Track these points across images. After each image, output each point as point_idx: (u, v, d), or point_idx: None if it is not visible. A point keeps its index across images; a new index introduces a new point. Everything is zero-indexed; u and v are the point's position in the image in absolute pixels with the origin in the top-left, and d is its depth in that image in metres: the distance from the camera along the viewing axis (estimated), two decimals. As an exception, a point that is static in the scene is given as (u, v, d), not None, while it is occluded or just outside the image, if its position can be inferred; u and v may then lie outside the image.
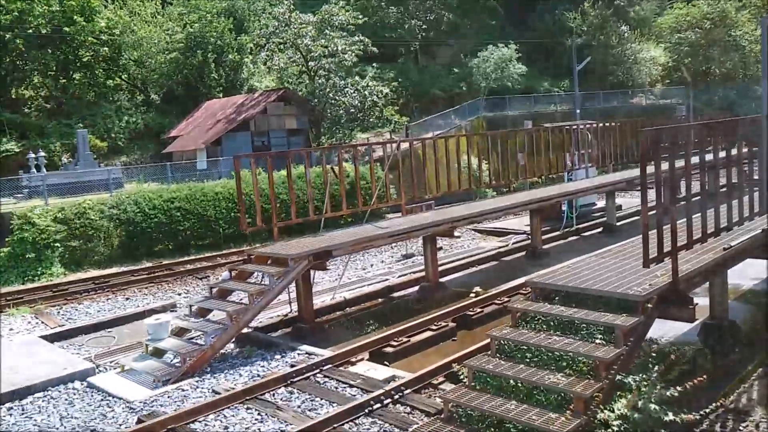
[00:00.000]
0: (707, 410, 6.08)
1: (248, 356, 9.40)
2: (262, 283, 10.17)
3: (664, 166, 6.38)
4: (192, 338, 9.62)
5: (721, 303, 8.71)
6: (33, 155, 26.09)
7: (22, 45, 30.87)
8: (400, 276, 14.01)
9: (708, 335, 8.87)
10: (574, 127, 17.53)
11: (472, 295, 11.85)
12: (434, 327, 9.74)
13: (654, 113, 39.00)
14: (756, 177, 8.08)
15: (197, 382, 8.44)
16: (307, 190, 17.63)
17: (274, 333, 10.64)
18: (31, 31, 30.70)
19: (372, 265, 15.66)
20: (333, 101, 33.13)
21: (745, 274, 11.39)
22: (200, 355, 8.69)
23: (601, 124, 18.17)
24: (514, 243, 16.64)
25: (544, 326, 6.40)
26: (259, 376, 8.50)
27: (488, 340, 6.59)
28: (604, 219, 17.62)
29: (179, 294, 14.06)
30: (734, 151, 7.84)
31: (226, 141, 30.96)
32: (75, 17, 31.96)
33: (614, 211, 17.22)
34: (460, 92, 42.93)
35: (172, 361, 9.09)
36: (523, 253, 15.22)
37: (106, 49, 33.79)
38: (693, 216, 6.99)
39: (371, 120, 33.99)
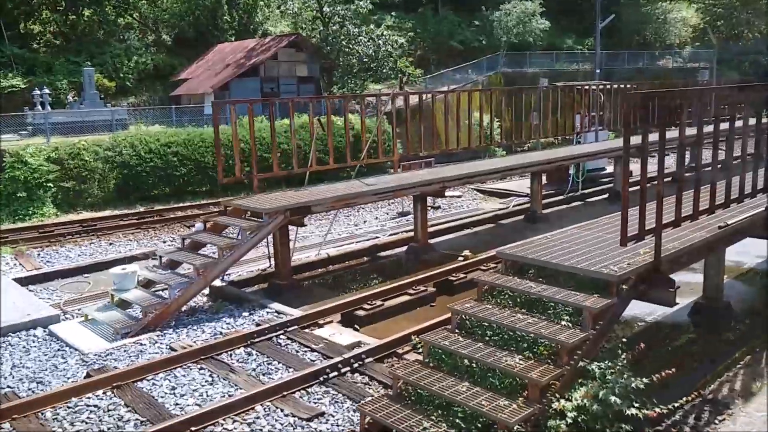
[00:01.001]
0: (680, 402, 5.61)
1: (217, 311, 9.07)
2: (238, 237, 9.76)
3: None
4: (159, 291, 9.29)
5: (716, 282, 8.16)
6: (38, 92, 25.71)
7: (30, -23, 30.22)
8: (390, 234, 13.55)
9: (699, 316, 8.37)
10: (586, 87, 16.67)
11: (460, 258, 11.37)
12: (412, 291, 9.30)
13: (679, 76, 37.55)
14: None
15: (158, 336, 8.13)
16: (309, 141, 17.28)
17: (250, 288, 10.30)
18: (39, -37, 29.93)
19: (365, 222, 15.20)
20: (347, 50, 32.21)
21: (748, 251, 10.78)
22: (163, 308, 8.36)
23: (615, 85, 17.27)
24: (515, 205, 16.06)
25: (510, 302, 5.92)
26: (221, 333, 8.16)
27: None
28: (611, 185, 16.91)
29: (164, 242, 13.74)
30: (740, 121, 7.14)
31: (235, 86, 30.31)
32: (84, -49, 31.12)
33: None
34: (479, 46, 41.58)
35: (138, 313, 8.78)
36: (522, 216, 14.65)
37: (115, -15, 32.94)
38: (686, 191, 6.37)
39: (384, 71, 33.05)
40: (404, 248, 12.31)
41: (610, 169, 18.54)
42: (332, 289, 10.37)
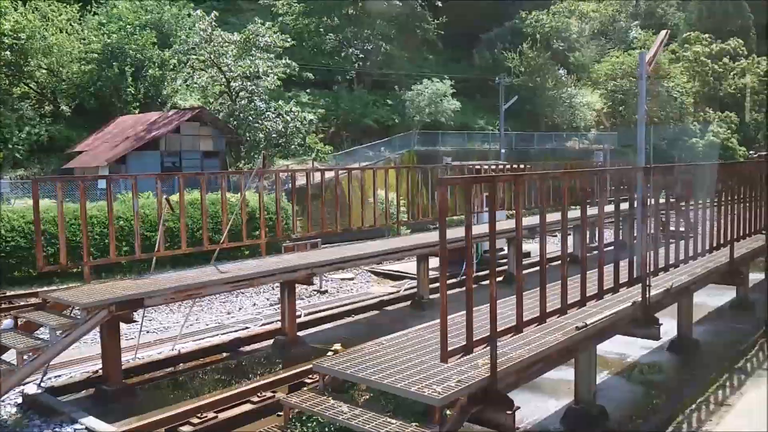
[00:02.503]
0: None
1: (15, 429, 7.51)
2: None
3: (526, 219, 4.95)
4: (-60, 405, 7.66)
5: (588, 384, 7.33)
6: None
7: None
8: (263, 324, 12.29)
9: (572, 424, 7.49)
10: (477, 166, 16.32)
11: (329, 353, 10.20)
12: (256, 399, 8.04)
13: (584, 156, 38.76)
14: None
15: None
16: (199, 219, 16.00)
17: (74, 395, 8.76)
18: None
19: (240, 309, 13.88)
20: (256, 125, 31.53)
21: (635, 342, 10.11)
22: (-68, 431, 6.76)
23: (508, 166, 17.03)
24: (406, 289, 15.14)
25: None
26: (1, 462, 6.62)
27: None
28: (507, 267, 16.33)
29: (-1, 335, 11.93)
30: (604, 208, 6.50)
31: (132, 160, 28.90)
32: (-26, 17, 29.60)
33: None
34: (393, 124, 41.93)
35: None
36: (409, 302, 13.72)
37: (8, 53, 31.30)
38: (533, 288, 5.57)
39: (293, 147, 32.44)
40: (271, 341, 11.06)
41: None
42: (172, 395, 8.95)
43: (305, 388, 5.91)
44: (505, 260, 17.81)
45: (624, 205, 7.90)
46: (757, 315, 11.74)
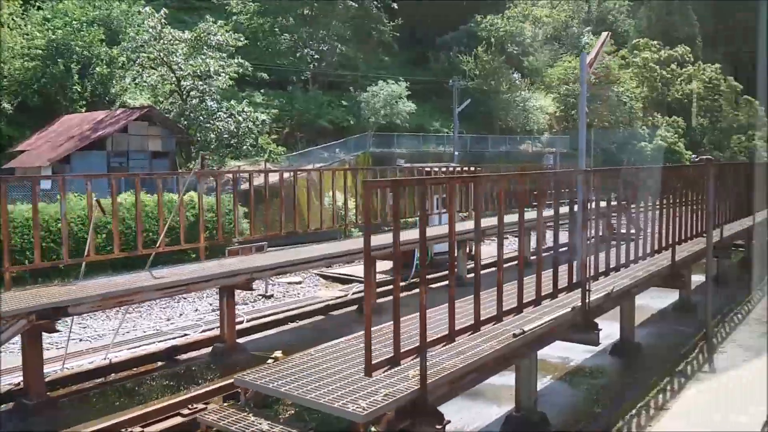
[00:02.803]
0: None
1: None
2: (-30, 346, 7.77)
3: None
4: None
5: (528, 390, 7.21)
6: None
7: None
8: (203, 331, 11.87)
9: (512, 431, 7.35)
10: (427, 169, 16.19)
11: (269, 361, 9.85)
12: (186, 411, 7.66)
13: (537, 159, 39.22)
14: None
15: None
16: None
17: (-8, 409, 8.23)
18: None
19: (181, 315, 13.41)
20: (207, 125, 30.89)
21: (577, 345, 10.09)
22: None
23: (458, 168, 16.96)
24: (354, 293, 14.89)
25: (235, 451, 4.52)
26: None
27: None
28: (456, 270, 16.21)
29: None
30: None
31: (77, 160, 27.91)
32: None
33: (464, 261, 15.87)
34: (348, 126, 41.66)
35: None
36: (356, 306, 13.47)
37: (-58, 48, 29.94)
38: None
39: (245, 147, 31.87)
40: (210, 349, 10.66)
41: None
42: (99, 409, 8.48)
43: (225, 404, 5.61)
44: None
45: (565, 209, 7.82)
46: (698, 317, 11.87)
